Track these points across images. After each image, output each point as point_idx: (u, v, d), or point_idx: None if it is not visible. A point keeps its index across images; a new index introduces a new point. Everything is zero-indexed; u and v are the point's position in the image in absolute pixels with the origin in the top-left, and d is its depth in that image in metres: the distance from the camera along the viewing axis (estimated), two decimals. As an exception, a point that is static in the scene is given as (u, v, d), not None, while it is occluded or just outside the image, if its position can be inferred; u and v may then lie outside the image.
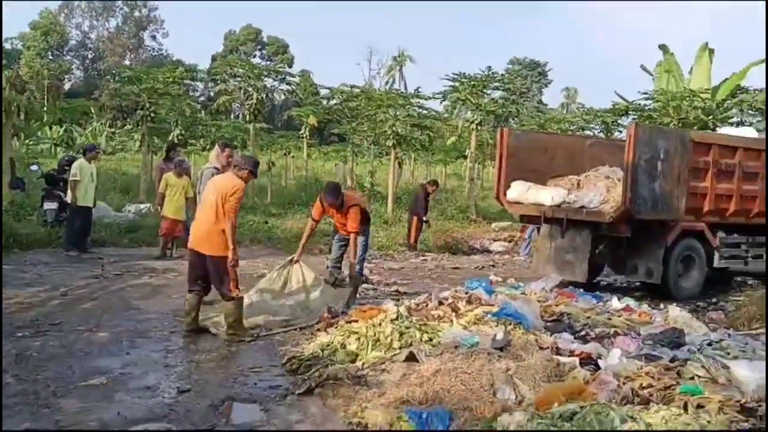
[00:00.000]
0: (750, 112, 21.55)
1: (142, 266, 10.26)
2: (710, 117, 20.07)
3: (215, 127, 27.07)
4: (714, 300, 9.95)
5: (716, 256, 10.34)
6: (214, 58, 58.14)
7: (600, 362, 5.05)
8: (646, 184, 9.20)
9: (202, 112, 36.74)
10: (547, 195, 10.16)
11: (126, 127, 34.14)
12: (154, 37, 67.42)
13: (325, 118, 27.67)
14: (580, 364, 4.91)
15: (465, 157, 35.36)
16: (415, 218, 14.12)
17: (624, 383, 4.29)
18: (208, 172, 7.81)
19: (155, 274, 9.65)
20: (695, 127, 20.97)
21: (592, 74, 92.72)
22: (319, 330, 6.59)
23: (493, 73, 18.98)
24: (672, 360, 5.28)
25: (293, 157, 34.49)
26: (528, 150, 11.04)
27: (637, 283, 10.62)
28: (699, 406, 3.88)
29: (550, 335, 6.15)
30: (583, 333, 6.39)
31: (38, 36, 57.63)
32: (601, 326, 6.46)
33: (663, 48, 22.08)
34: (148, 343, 6.28)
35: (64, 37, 62.74)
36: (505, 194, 10.84)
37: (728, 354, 5.68)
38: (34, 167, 13.78)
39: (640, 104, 21.42)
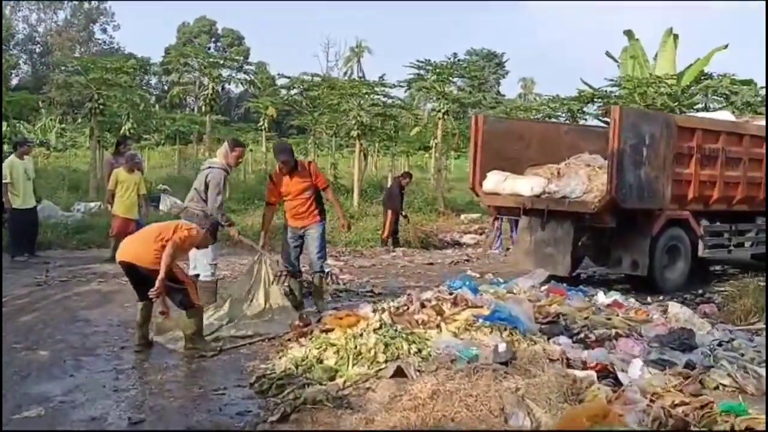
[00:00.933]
0: (715, 97, 21.48)
1: (91, 270, 9.40)
2: (676, 103, 19.86)
3: (169, 120, 26.06)
4: (700, 292, 9.55)
5: (701, 245, 9.94)
6: (167, 51, 56.43)
7: (620, 375, 4.47)
8: (632, 171, 8.71)
9: (156, 106, 35.52)
10: (526, 185, 9.62)
11: (77, 123, 32.74)
12: (104, 30, 65.18)
13: (284, 109, 26.86)
14: (598, 378, 4.33)
15: (427, 149, 35.08)
16: (389, 212, 13.49)
17: (653, 401, 3.72)
18: (217, 172, 6.73)
19: (105, 280, 8.81)
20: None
21: (548, 64, 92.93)
22: (290, 341, 5.91)
23: (458, 60, 18.41)
24: (687, 366, 4.75)
25: (251, 150, 33.56)
26: (503, 138, 10.49)
27: (619, 275, 10.18)
28: (748, 430, 3.33)
29: (548, 339, 5.60)
30: (582, 335, 5.83)
31: (-20, 29, 55.09)
32: (601, 327, 5.91)
33: (628, 34, 21.79)
34: (96, 361, 5.52)
35: (9, 30, 60.22)
36: (480, 185, 10.26)
37: (742, 356, 5.20)
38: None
39: (606, 91, 21.13)
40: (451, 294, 6.96)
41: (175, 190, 16.66)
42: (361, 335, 5.09)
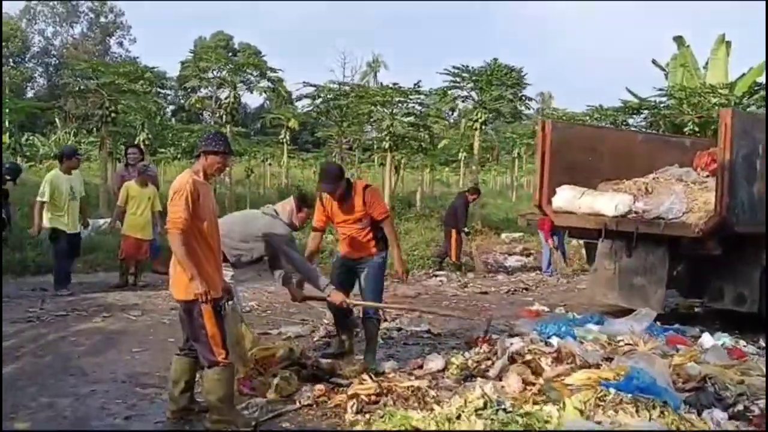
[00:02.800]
0: (772, 109, 19.87)
1: (95, 302, 7.96)
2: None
3: (187, 132, 24.75)
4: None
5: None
6: (183, 65, 55.58)
7: None
8: (745, 187, 7.21)
9: (172, 119, 34.35)
10: (609, 203, 8.11)
11: (91, 135, 31.57)
12: (121, 44, 64.60)
13: (306, 121, 25.51)
14: None
15: (450, 163, 33.62)
16: (453, 231, 12.05)
17: None
18: (283, 234, 5.27)
19: (110, 314, 7.37)
20: (714, 126, 19.47)
21: (566, 77, 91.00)
22: (344, 410, 4.46)
23: (498, 65, 16.96)
24: None
25: (270, 164, 32.24)
26: (574, 147, 8.98)
27: (696, 310, 8.75)
28: None
29: (698, 415, 4.10)
30: (741, 407, 4.32)
31: (-2, 42, 54.48)
32: (763, 395, 4.39)
33: (678, 40, 20.28)
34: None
35: (25, 43, 59.65)
36: (549, 202, 8.77)
37: None
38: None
39: (654, 101, 19.60)
40: (545, 342, 5.50)
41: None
42: (458, 418, 3.60)
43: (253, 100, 64.29)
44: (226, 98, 17.30)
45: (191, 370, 4.44)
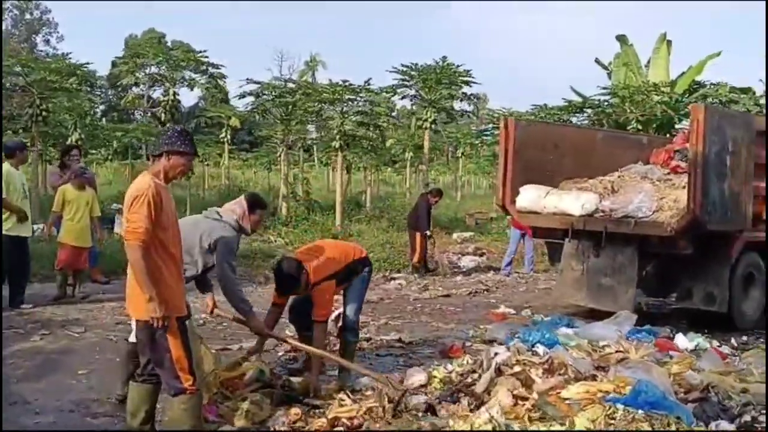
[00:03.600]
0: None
1: (32, 317, 7.25)
2: (674, 113, 18.65)
3: (121, 132, 23.66)
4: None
5: (774, 271, 8.39)
6: (114, 64, 53.65)
7: None
8: (716, 184, 7.12)
9: (103, 119, 32.97)
10: (575, 202, 7.92)
11: (19, 136, 29.90)
12: (47, 41, 61.89)
13: (247, 120, 24.79)
14: None
15: (395, 163, 33.40)
16: (417, 234, 11.71)
17: None
18: (231, 238, 4.72)
19: (50, 331, 6.68)
20: (656, 124, 19.78)
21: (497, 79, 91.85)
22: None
23: (448, 64, 16.70)
24: None
25: (208, 165, 31.25)
26: (537, 145, 8.82)
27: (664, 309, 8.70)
28: None
29: (705, 427, 3.86)
30: (748, 418, 4.10)
31: None
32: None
33: (621, 39, 20.52)
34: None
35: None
36: (513, 201, 8.55)
37: None
38: None
39: (598, 100, 19.76)
40: (531, 351, 5.19)
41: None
42: (467, 445, 3.23)
43: (186, 98, 62.55)
44: (165, 96, 16.46)
45: (151, 398, 3.92)
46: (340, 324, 6.17)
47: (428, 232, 11.86)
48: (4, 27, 60.73)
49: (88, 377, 5.31)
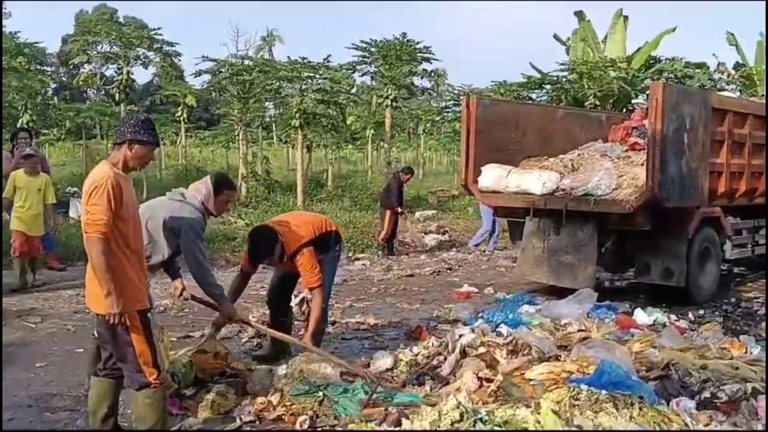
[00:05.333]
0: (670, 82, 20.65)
1: (-15, 308, 7.05)
2: (630, 88, 18.89)
3: (74, 111, 22.97)
4: (733, 300, 8.22)
5: (728, 245, 8.60)
6: (64, 41, 51.98)
7: None
8: (674, 162, 7.22)
9: (55, 98, 31.96)
10: (536, 181, 7.98)
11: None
12: (-6, 18, 59.63)
13: (203, 98, 24.32)
14: None
15: (355, 140, 33.20)
16: (388, 212, 11.66)
17: None
18: (194, 221, 4.54)
19: (4, 321, 6.50)
20: (613, 99, 20.02)
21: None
22: (293, 425, 4.00)
23: (408, 40, 16.59)
24: None
25: (164, 144, 30.63)
26: (499, 124, 8.83)
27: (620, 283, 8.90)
28: None
29: (666, 405, 3.95)
30: (707, 395, 4.19)
31: None
32: (729, 380, 4.28)
33: (579, 15, 20.60)
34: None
35: None
36: (475, 181, 8.56)
37: None
38: None
39: (557, 76, 19.91)
40: (497, 333, 5.23)
41: (86, 192, 14.16)
42: (435, 432, 3.24)
43: (141, 76, 61.02)
44: (118, 75, 16.01)
45: (114, 392, 3.82)
46: (305, 307, 6.14)
47: (399, 209, 11.84)
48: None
49: (47, 370, 5.17)
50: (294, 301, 6.34)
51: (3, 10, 56.69)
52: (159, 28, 15.76)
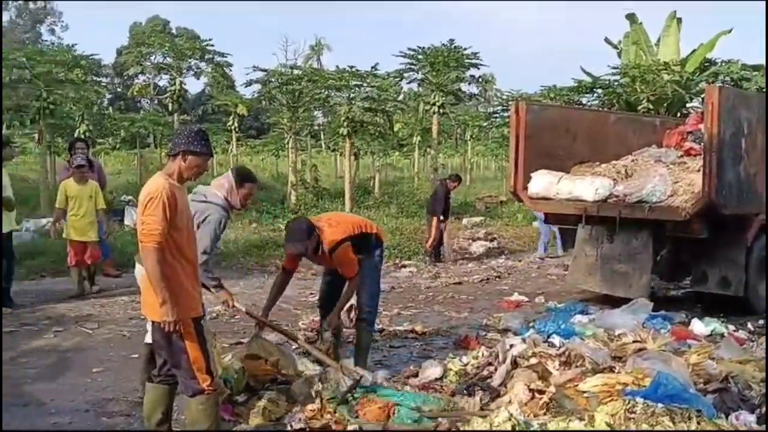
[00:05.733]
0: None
1: (45, 314, 7.27)
2: (685, 91, 18.43)
3: (129, 121, 23.64)
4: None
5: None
6: (119, 52, 53.62)
7: None
8: (731, 168, 7.01)
9: (110, 108, 32.90)
10: (589, 187, 7.83)
11: (25, 128, 29.78)
12: (52, 31, 61.81)
13: (254, 107, 24.69)
14: None
15: (402, 146, 33.23)
16: (434, 219, 11.62)
17: None
18: (217, 213, 4.57)
19: (63, 327, 6.69)
20: (667, 103, 19.55)
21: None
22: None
23: (456, 47, 16.53)
24: None
25: (216, 152, 31.21)
26: (549, 129, 8.70)
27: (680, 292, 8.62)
28: None
29: (725, 419, 3.81)
30: (769, 409, 4.04)
31: None
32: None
33: (630, 18, 20.23)
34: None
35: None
36: (525, 188, 8.46)
37: None
38: None
39: (608, 80, 19.55)
40: (549, 343, 5.15)
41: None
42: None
43: (193, 86, 62.36)
44: (171, 85, 16.40)
45: (168, 398, 3.89)
46: (353, 314, 6.16)
47: (442, 217, 11.80)
48: (8, 17, 60.76)
49: (103, 375, 5.31)
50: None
51: (59, 21, 57.74)
52: (210, 39, 16.11)
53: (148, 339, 4.52)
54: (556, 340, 5.25)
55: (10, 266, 7.69)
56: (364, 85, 15.39)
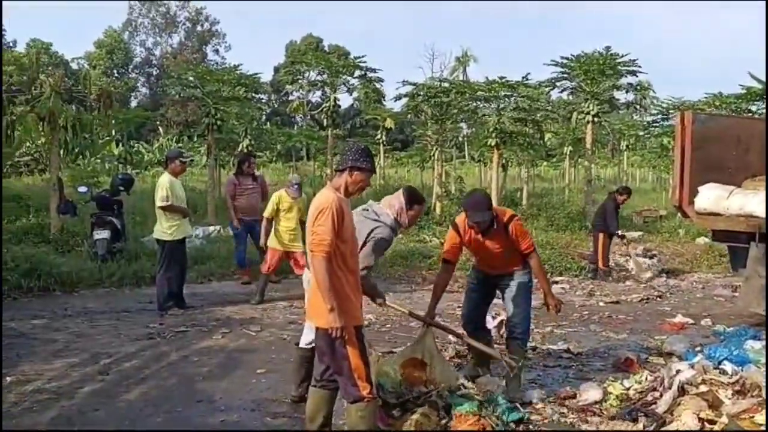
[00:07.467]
0: None
1: (213, 316, 7.80)
2: None
3: (285, 136, 24.91)
4: None
5: None
6: (276, 70, 56.68)
7: None
8: None
9: (267, 123, 34.84)
10: (762, 202, 7.22)
11: (193, 142, 32.31)
12: (217, 51, 66.65)
13: (401, 120, 25.12)
14: None
15: (550, 156, 32.40)
16: (601, 235, 11.26)
17: None
18: (386, 232, 4.60)
19: (229, 330, 7.14)
20: None
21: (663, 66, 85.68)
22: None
23: (612, 54, 15.92)
24: None
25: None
26: (718, 141, 8.15)
27: None
28: None
29: None
30: None
31: (103, 54, 57.26)
32: None
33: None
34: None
35: (128, 54, 62.42)
36: (691, 202, 7.96)
37: None
38: (83, 189, 11.56)
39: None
40: (719, 370, 4.79)
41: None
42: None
43: (342, 100, 64.71)
44: (325, 101, 17.08)
45: (329, 403, 4.06)
46: (503, 331, 6.10)
47: (619, 232, 11.31)
48: (178, 39, 66.02)
49: (266, 376, 5.60)
50: (492, 323, 6.32)
51: (223, 42, 61.40)
52: (363, 56, 16.61)
53: (303, 343, 4.73)
54: (728, 367, 4.87)
55: (183, 270, 8.31)
56: (515, 95, 15.19)
